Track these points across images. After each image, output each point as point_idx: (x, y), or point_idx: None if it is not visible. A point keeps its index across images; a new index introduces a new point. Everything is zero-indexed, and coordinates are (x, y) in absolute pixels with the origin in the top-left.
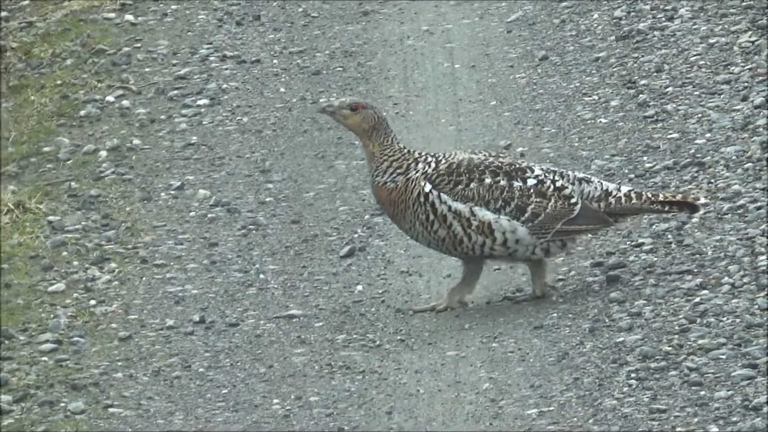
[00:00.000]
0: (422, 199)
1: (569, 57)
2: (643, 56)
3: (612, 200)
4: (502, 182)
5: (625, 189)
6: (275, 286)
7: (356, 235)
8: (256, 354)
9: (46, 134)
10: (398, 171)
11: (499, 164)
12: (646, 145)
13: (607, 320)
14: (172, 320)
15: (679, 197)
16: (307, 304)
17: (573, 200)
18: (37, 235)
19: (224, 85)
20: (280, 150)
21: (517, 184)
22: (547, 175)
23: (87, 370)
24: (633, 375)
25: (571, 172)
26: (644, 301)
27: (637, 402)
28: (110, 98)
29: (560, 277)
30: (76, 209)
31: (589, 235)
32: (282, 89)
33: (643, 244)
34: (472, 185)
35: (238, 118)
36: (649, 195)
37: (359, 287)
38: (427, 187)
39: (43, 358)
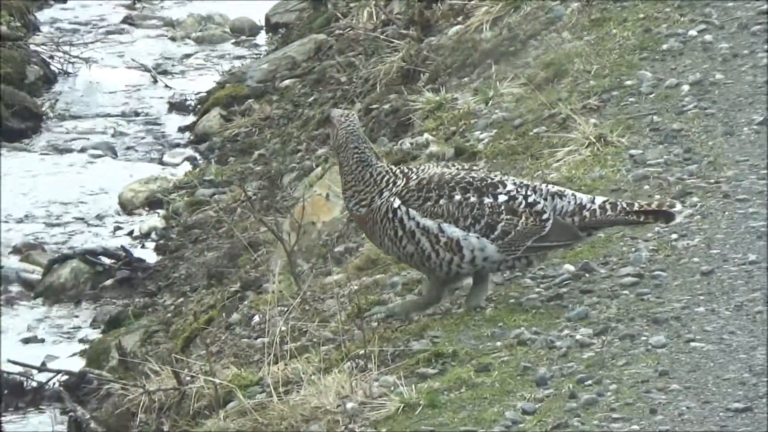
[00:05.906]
0: (390, 215)
1: None
2: None
3: (587, 213)
4: (472, 199)
5: (599, 200)
6: None
7: None
8: None
9: (628, 68)
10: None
11: (470, 180)
12: None
13: None
14: (755, 255)
15: (653, 206)
16: None
17: (545, 216)
18: (619, 169)
19: None
20: None
21: (487, 200)
22: (519, 190)
23: (668, 303)
24: None
25: (544, 186)
26: None
27: None
28: (693, 32)
29: None
30: (658, 143)
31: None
32: None
33: None
34: (441, 202)
35: None
36: (624, 205)
37: None
38: (396, 203)
39: (624, 292)
